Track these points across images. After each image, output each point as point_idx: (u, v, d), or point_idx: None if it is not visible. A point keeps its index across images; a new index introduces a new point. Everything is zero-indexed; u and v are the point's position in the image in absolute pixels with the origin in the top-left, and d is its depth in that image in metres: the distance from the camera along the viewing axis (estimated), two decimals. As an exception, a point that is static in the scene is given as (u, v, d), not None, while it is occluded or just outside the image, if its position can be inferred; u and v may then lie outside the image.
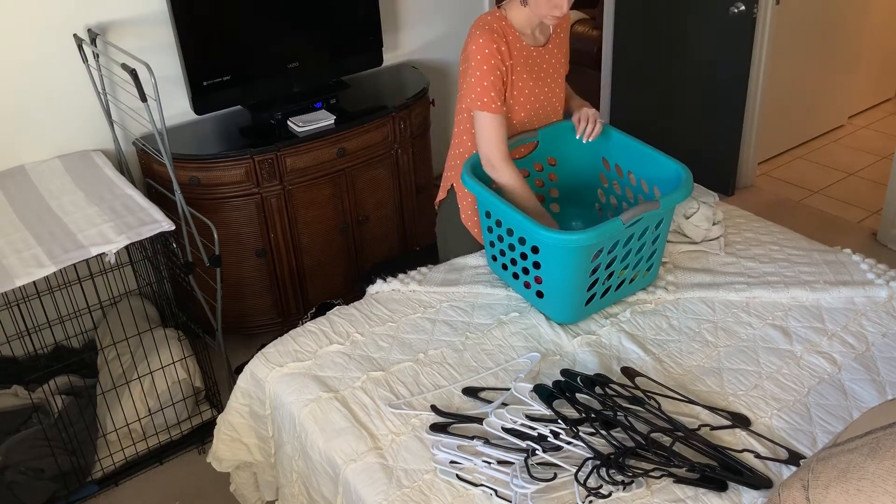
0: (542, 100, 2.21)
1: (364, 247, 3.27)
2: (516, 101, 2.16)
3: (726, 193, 4.00)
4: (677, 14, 3.87)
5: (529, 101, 2.18)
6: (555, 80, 2.24)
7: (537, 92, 2.19)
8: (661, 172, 2.14)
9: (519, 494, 1.55)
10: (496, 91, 2.07)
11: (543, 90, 2.21)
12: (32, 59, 2.73)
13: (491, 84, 2.06)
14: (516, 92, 2.14)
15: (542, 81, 2.20)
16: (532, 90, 2.17)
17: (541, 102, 2.21)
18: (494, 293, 2.19)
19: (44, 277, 2.21)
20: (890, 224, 3.57)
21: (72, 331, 2.95)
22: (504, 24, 2.11)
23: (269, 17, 2.98)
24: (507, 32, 2.11)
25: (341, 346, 2.03)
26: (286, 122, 3.00)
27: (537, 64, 2.18)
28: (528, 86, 2.16)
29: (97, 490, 2.54)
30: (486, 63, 2.05)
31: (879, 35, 4.63)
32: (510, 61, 2.10)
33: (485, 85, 2.06)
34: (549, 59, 2.21)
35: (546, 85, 2.21)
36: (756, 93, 3.84)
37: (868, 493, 1.17)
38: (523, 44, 2.13)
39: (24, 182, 2.66)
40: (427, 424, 1.76)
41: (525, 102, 2.17)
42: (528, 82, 2.16)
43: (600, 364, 1.92)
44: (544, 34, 2.21)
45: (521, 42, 2.13)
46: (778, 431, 1.71)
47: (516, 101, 2.16)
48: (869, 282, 2.15)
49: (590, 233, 1.85)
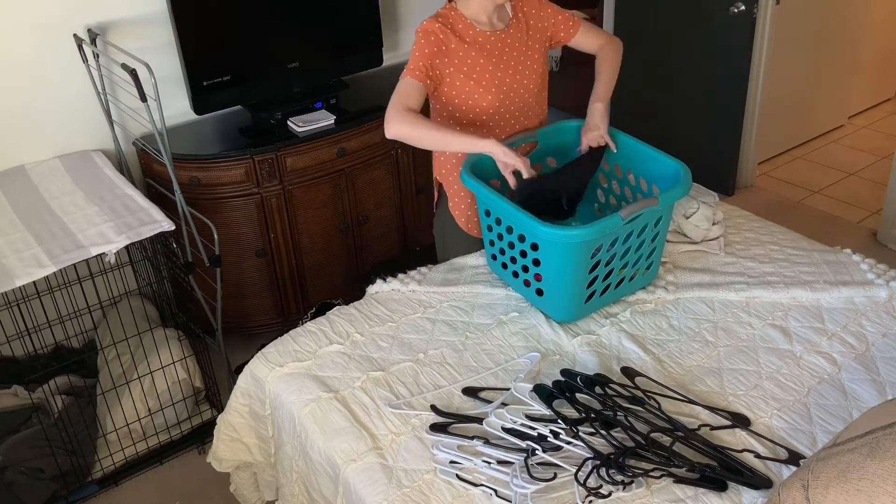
0: (509, 83, 2.21)
1: (364, 247, 3.27)
2: (479, 86, 2.16)
3: (726, 193, 4.00)
4: (677, 14, 3.87)
5: (494, 86, 2.18)
6: (522, 63, 2.24)
7: (500, 75, 2.19)
8: (661, 171, 2.14)
9: (519, 494, 1.55)
10: (424, 63, 2.10)
11: (508, 73, 2.20)
12: (32, 59, 2.73)
13: (420, 56, 2.11)
14: (476, 76, 2.15)
15: (504, 65, 2.20)
16: (494, 74, 2.17)
17: (509, 86, 2.21)
18: (494, 293, 2.19)
19: (44, 277, 2.21)
20: (890, 224, 3.57)
21: (72, 331, 2.95)
22: (454, 13, 2.16)
23: (269, 17, 2.98)
24: (457, 21, 2.15)
25: (341, 346, 2.03)
26: (286, 122, 3.00)
27: (497, 48, 2.19)
28: (488, 70, 2.16)
29: (97, 490, 2.54)
30: (421, 40, 2.12)
31: (879, 35, 4.63)
32: (456, 45, 2.13)
33: (416, 55, 2.11)
34: (511, 43, 2.21)
35: (511, 68, 2.21)
36: (756, 93, 3.84)
37: (868, 493, 1.17)
38: (477, 30, 2.16)
39: (24, 182, 2.66)
40: (427, 424, 1.76)
41: (490, 86, 2.17)
42: (488, 66, 2.16)
43: (600, 364, 1.92)
44: (503, 20, 2.22)
45: (475, 29, 2.16)
46: (778, 431, 1.71)
47: (479, 86, 2.16)
48: (869, 282, 2.15)
49: (589, 228, 1.85)
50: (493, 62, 2.17)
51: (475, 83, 2.16)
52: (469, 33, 2.15)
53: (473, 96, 2.17)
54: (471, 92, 2.16)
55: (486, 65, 2.16)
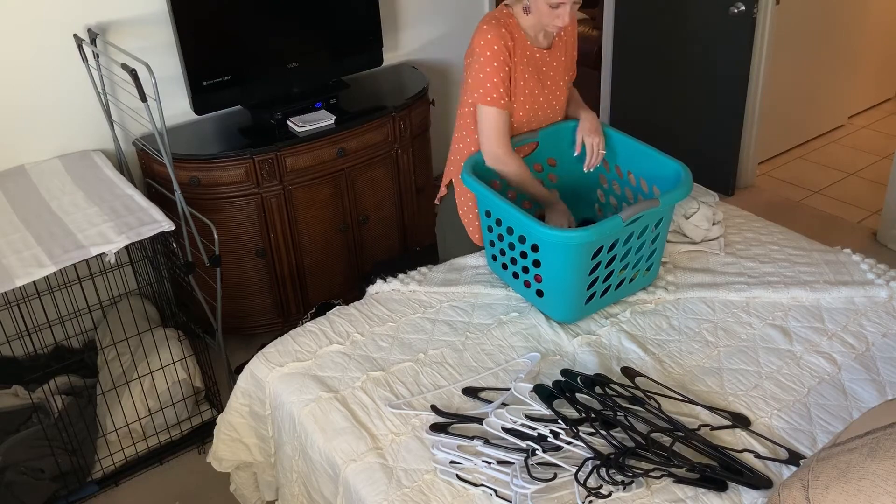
0: (541, 101, 2.22)
1: (364, 247, 3.27)
2: (516, 101, 2.16)
3: (726, 193, 4.00)
4: (677, 14, 3.87)
5: (529, 102, 2.18)
6: (556, 84, 2.25)
7: (537, 93, 2.19)
8: (661, 172, 2.14)
9: (519, 494, 1.55)
10: (504, 87, 2.09)
11: (544, 92, 2.21)
12: (32, 59, 2.73)
13: (500, 80, 2.08)
14: (517, 91, 2.15)
15: (542, 84, 2.20)
16: (532, 91, 2.17)
17: (540, 104, 2.22)
18: (494, 293, 2.19)
19: (44, 277, 2.21)
20: (890, 224, 3.57)
21: (72, 331, 2.95)
22: (511, 21, 2.12)
23: (269, 17, 2.98)
24: (514, 31, 2.12)
25: (341, 346, 2.03)
26: (286, 122, 3.00)
27: (539, 66, 2.18)
28: (528, 86, 2.16)
29: (97, 490, 2.53)
30: (496, 59, 2.07)
31: (879, 35, 4.63)
32: (515, 60, 2.11)
33: (494, 81, 2.08)
34: (551, 63, 2.21)
35: (546, 87, 2.22)
36: (756, 93, 3.84)
37: (868, 492, 1.17)
38: (527, 44, 2.14)
39: (24, 182, 2.66)
40: (427, 424, 1.76)
41: (525, 102, 2.17)
42: (530, 83, 2.16)
43: (600, 364, 1.92)
44: (548, 38, 2.21)
45: (526, 42, 2.14)
46: (778, 431, 1.71)
47: (516, 101, 2.16)
48: (869, 282, 2.15)
49: (589, 230, 1.85)
50: (535, 79, 2.18)
51: (514, 97, 2.16)
52: (522, 46, 2.13)
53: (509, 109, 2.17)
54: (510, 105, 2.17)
55: (528, 81, 2.16)
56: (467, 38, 3.83)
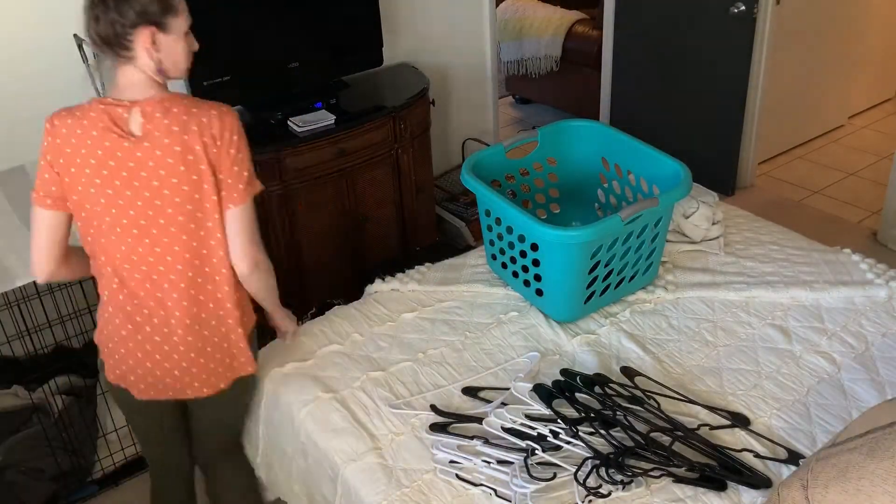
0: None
1: (364, 247, 3.27)
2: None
3: (726, 193, 3.99)
4: (677, 14, 3.86)
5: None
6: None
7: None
8: (661, 171, 2.14)
9: (518, 494, 1.55)
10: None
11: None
12: (32, 58, 2.73)
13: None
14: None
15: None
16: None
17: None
18: (493, 292, 2.19)
19: (44, 277, 2.20)
20: (890, 224, 3.57)
21: (72, 331, 2.95)
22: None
23: (268, 18, 2.98)
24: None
25: (341, 346, 2.03)
26: (286, 122, 3.00)
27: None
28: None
29: (97, 490, 2.53)
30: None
31: (879, 35, 4.63)
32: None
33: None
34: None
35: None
36: (756, 93, 3.84)
37: (867, 492, 1.17)
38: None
39: (24, 182, 2.66)
40: (427, 424, 1.76)
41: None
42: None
43: (600, 364, 1.92)
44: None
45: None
46: (777, 431, 1.71)
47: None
48: (869, 282, 2.15)
49: (589, 229, 1.85)
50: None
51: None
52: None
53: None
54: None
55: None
56: (467, 38, 3.85)
